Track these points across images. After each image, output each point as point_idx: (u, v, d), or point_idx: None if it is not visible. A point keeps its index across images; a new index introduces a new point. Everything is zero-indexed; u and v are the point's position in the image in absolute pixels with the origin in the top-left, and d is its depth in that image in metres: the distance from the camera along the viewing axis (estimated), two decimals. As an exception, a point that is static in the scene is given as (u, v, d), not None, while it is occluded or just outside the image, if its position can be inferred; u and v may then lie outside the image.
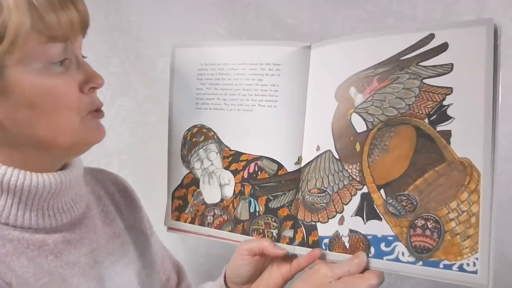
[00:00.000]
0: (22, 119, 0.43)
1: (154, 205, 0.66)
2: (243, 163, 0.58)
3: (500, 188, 0.80)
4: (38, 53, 0.41)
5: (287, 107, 0.55)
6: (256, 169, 0.57)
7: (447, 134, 0.45)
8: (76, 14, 0.43)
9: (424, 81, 0.47)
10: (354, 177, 0.50)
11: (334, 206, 0.51)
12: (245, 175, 0.58)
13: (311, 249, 0.52)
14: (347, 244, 0.50)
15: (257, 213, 0.57)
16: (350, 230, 0.50)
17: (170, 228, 0.64)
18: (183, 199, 0.62)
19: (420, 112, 0.47)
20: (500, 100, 0.43)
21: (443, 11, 0.80)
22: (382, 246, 0.48)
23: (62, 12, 0.41)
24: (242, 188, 0.58)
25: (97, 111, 0.48)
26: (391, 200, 0.47)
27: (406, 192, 0.47)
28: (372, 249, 0.48)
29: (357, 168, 0.50)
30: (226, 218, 0.59)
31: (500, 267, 0.81)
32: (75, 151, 0.48)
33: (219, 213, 0.59)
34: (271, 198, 0.56)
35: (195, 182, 0.61)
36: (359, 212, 0.49)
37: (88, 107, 0.46)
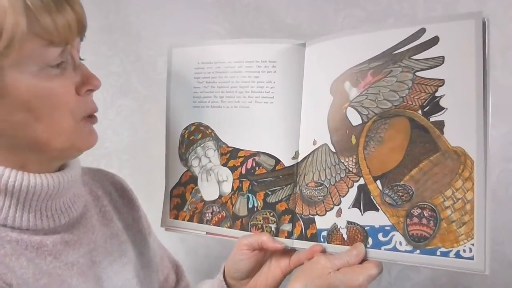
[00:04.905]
0: (18, 121, 0.42)
1: (154, 205, 0.66)
2: (240, 159, 0.59)
3: (499, 188, 0.80)
4: (35, 56, 0.41)
5: (283, 103, 0.56)
6: (254, 164, 0.58)
7: (440, 124, 0.46)
8: (73, 16, 0.42)
9: (417, 73, 0.47)
10: (351, 169, 0.51)
11: (332, 198, 0.52)
12: (243, 171, 0.58)
13: (309, 242, 0.53)
14: (345, 236, 0.51)
15: (255, 209, 0.57)
16: (348, 222, 0.50)
17: (168, 228, 0.64)
18: (181, 197, 0.63)
19: (414, 103, 0.47)
20: (500, 101, 0.44)
21: (443, 11, 0.80)
22: (380, 236, 0.48)
23: (59, 15, 0.41)
24: (240, 184, 0.59)
25: (91, 117, 0.48)
26: (387, 191, 0.48)
27: (402, 182, 0.47)
28: (370, 240, 0.49)
29: (353, 161, 0.50)
30: (224, 214, 0.60)
31: (500, 267, 0.81)
32: (66, 155, 0.48)
33: (218, 210, 0.60)
34: (269, 193, 0.57)
35: (193, 180, 0.62)
36: (356, 204, 0.50)
37: (83, 111, 0.46)
